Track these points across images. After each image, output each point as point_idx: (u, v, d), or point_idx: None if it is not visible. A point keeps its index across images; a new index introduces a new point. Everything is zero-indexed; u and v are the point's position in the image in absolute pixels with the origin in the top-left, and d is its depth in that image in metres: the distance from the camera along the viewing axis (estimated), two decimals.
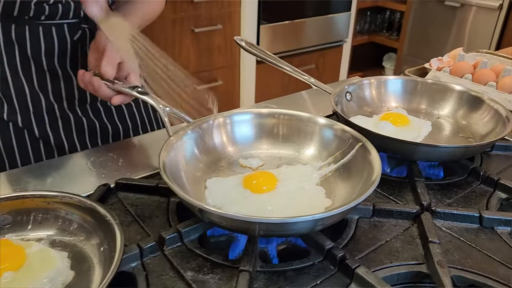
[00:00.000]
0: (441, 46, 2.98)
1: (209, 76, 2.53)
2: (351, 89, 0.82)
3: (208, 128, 0.65)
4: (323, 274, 0.52)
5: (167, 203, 0.63)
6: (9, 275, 0.45)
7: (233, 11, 2.45)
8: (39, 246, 0.49)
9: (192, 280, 0.50)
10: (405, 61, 3.25)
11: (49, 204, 0.51)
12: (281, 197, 0.60)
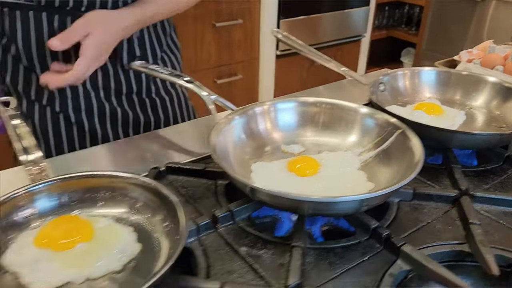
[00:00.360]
0: (460, 41, 2.96)
1: (229, 71, 2.56)
2: (385, 79, 0.84)
3: (254, 114, 0.68)
4: (370, 251, 0.55)
5: (215, 186, 0.66)
6: (82, 246, 0.49)
7: (253, 6, 2.47)
8: (106, 222, 0.53)
9: (247, 255, 0.54)
10: (423, 56, 3.24)
11: (115, 184, 0.54)
12: (324, 181, 0.63)
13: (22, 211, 0.51)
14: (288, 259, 0.52)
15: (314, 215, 0.57)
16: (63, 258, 0.48)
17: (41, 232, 0.50)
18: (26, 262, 0.47)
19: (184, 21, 2.25)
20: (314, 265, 0.52)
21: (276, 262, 0.53)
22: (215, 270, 0.51)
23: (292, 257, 0.51)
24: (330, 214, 0.57)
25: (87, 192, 0.54)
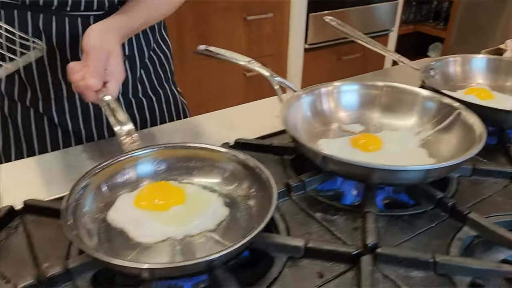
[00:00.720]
0: (490, 36, 2.95)
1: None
2: (437, 65, 0.88)
3: (319, 94, 0.72)
4: (436, 219, 0.58)
5: (282, 160, 0.71)
6: (177, 208, 0.54)
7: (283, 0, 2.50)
8: (196, 188, 0.58)
9: (322, 219, 0.58)
10: (451, 50, 3.23)
11: (205, 155, 0.59)
12: (387, 155, 0.67)
13: (123, 175, 0.57)
14: (361, 224, 0.57)
15: (382, 184, 0.61)
16: (161, 217, 0.53)
17: (139, 195, 0.55)
18: (129, 220, 0.53)
19: (215, 15, 2.30)
20: (386, 229, 0.57)
21: (349, 226, 0.57)
22: (295, 232, 0.56)
23: (367, 221, 0.55)
24: (397, 183, 0.61)
25: (180, 161, 0.60)
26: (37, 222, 0.57)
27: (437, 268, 0.49)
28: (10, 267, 0.50)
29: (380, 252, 0.50)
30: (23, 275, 0.48)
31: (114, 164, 0.55)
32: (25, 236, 0.55)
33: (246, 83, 2.56)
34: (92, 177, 0.54)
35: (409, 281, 0.49)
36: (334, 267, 0.51)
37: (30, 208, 0.58)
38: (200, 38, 2.30)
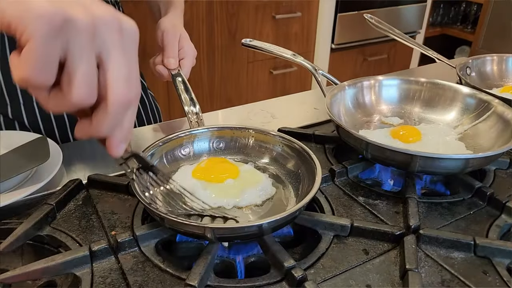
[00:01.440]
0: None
1: (285, 62, 2.64)
2: (474, 64, 0.90)
3: (362, 87, 0.76)
4: (474, 207, 0.61)
5: (324, 148, 0.74)
6: (230, 182, 0.59)
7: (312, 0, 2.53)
8: (248, 166, 0.62)
9: (364, 203, 0.62)
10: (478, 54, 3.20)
11: (256, 137, 0.64)
12: (427, 146, 0.70)
13: (183, 149, 0.63)
14: (402, 208, 0.60)
15: (422, 172, 0.64)
16: (215, 188, 0.58)
17: (197, 167, 0.60)
18: (187, 187, 0.57)
19: (245, 13, 2.35)
20: (426, 214, 0.60)
21: (391, 210, 0.61)
22: (339, 213, 0.60)
23: (409, 205, 0.58)
24: (437, 171, 0.64)
25: (236, 141, 0.65)
26: (100, 195, 0.62)
27: (477, 250, 0.52)
28: (81, 233, 0.55)
29: (423, 233, 0.54)
30: (95, 240, 0.53)
31: (175, 139, 0.61)
32: (91, 207, 0.60)
33: (272, 80, 2.60)
34: (157, 148, 0.60)
35: (449, 261, 0.52)
36: (378, 245, 0.54)
37: (94, 182, 0.63)
38: (230, 35, 2.35)
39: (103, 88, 0.34)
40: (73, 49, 0.31)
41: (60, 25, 0.30)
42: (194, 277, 0.46)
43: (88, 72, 0.32)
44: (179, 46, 0.73)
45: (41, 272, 0.48)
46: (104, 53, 0.33)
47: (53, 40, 0.30)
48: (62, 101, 0.33)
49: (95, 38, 0.32)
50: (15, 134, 0.70)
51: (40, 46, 0.30)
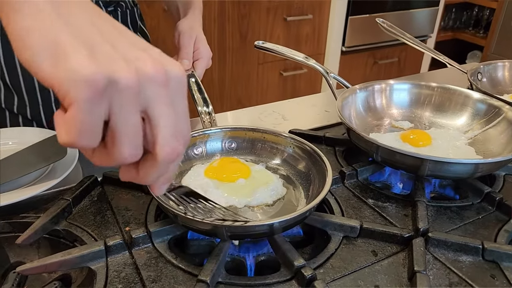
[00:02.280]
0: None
1: (295, 64, 2.64)
2: (485, 69, 0.90)
3: (373, 91, 0.76)
4: (483, 212, 0.62)
5: (334, 151, 0.75)
6: (242, 181, 0.60)
7: (323, 2, 2.54)
8: (259, 167, 0.63)
9: (374, 205, 0.62)
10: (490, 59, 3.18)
11: (268, 138, 0.65)
12: (437, 151, 0.70)
13: (196, 148, 0.64)
14: (411, 212, 0.61)
15: (432, 176, 0.65)
16: (227, 188, 0.59)
17: (210, 166, 0.61)
18: (199, 186, 0.59)
19: (256, 14, 2.36)
20: (435, 218, 0.60)
21: (400, 212, 0.61)
22: (349, 214, 0.61)
23: (418, 208, 0.59)
24: (446, 176, 0.64)
25: (248, 142, 0.66)
26: (115, 191, 0.63)
27: (485, 254, 0.53)
28: (96, 228, 0.56)
29: (432, 236, 0.54)
30: (110, 235, 0.55)
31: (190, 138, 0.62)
32: (106, 203, 0.61)
33: (282, 82, 2.61)
34: None
35: (458, 264, 0.53)
36: (387, 247, 0.55)
37: (109, 179, 0.64)
38: (241, 36, 2.37)
39: (150, 143, 0.32)
40: (117, 109, 0.30)
41: (104, 88, 0.29)
42: (206, 273, 0.47)
43: (132, 131, 0.31)
44: (195, 47, 0.74)
45: (58, 265, 0.49)
46: (150, 109, 0.31)
47: (97, 104, 0.29)
48: (106, 158, 0.32)
49: (140, 95, 0.30)
50: (33, 131, 0.72)
51: (84, 112, 0.28)
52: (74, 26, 0.30)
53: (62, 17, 0.30)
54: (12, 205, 0.57)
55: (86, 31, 0.30)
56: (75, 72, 0.28)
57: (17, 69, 0.77)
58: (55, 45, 0.28)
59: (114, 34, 0.31)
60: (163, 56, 0.33)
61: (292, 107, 0.94)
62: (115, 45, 0.30)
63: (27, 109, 0.80)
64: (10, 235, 0.57)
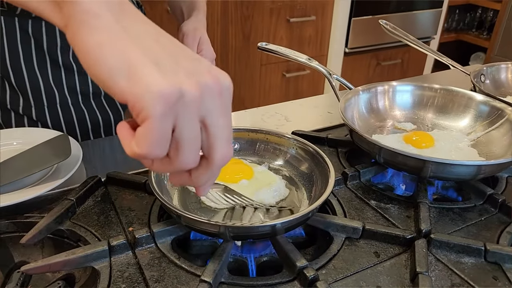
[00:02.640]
0: None
1: (298, 65, 2.65)
2: (489, 71, 0.90)
3: (376, 92, 0.76)
4: (485, 213, 0.62)
5: (337, 152, 0.75)
6: (245, 182, 0.60)
7: (326, 3, 2.54)
8: (261, 168, 0.63)
9: (376, 207, 0.62)
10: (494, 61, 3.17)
11: (270, 139, 0.66)
12: (440, 152, 0.70)
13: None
14: (414, 213, 0.61)
15: (434, 177, 0.65)
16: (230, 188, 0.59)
17: None
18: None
19: (260, 15, 2.36)
20: (437, 219, 0.60)
21: (402, 214, 0.61)
22: (351, 216, 0.61)
23: (420, 210, 0.59)
24: (449, 177, 0.64)
25: (250, 143, 0.67)
26: (118, 192, 0.64)
27: (487, 255, 0.53)
28: (100, 228, 0.57)
29: (434, 237, 0.54)
30: (113, 235, 0.55)
31: None
32: (110, 203, 0.61)
33: (285, 83, 2.61)
34: None
35: (460, 266, 0.53)
36: (389, 248, 0.55)
37: (113, 179, 0.65)
38: (244, 37, 2.37)
39: (206, 149, 0.35)
40: (183, 120, 0.32)
41: (175, 102, 0.30)
42: (209, 273, 0.47)
43: (194, 139, 0.33)
44: (198, 49, 0.75)
45: (62, 265, 0.50)
46: (208, 119, 0.33)
47: (169, 117, 0.31)
48: (168, 166, 0.34)
49: (201, 106, 0.32)
50: (38, 131, 0.73)
51: (158, 126, 0.30)
52: (139, 41, 0.31)
53: (126, 30, 0.31)
54: (17, 205, 0.57)
55: (152, 46, 0.32)
56: (150, 88, 0.29)
57: (23, 71, 0.77)
58: (127, 61, 0.30)
59: (173, 49, 0.33)
60: (214, 67, 0.35)
61: (295, 109, 0.95)
62: (177, 59, 0.32)
63: (32, 110, 0.81)
64: (14, 235, 0.58)
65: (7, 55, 0.76)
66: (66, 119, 0.83)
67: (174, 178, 0.37)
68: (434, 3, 2.89)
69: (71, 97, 0.83)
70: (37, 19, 0.75)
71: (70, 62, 0.80)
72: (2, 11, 0.73)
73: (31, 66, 0.78)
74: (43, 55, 0.78)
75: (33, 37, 0.76)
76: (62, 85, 0.81)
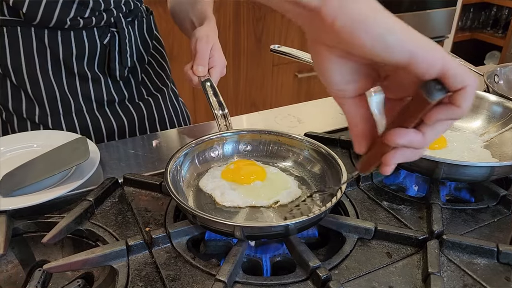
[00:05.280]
0: None
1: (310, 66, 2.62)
2: (502, 71, 0.90)
3: None
4: (498, 215, 0.62)
5: (349, 153, 0.76)
6: (258, 183, 0.61)
7: None
8: (274, 169, 0.64)
9: (388, 208, 0.63)
10: (509, 59, 3.13)
11: (282, 140, 0.67)
12: (453, 154, 0.70)
13: (213, 151, 0.67)
14: (426, 214, 0.61)
15: (447, 179, 0.65)
16: (243, 189, 0.61)
17: (226, 169, 0.63)
18: (217, 188, 0.61)
19: (271, 16, 2.37)
20: (450, 220, 0.61)
21: (415, 215, 0.62)
22: (364, 217, 0.61)
23: (433, 211, 0.60)
24: (462, 179, 0.64)
25: (264, 144, 0.68)
26: (135, 193, 0.65)
27: (500, 256, 0.53)
28: (117, 229, 0.58)
29: (446, 238, 0.55)
30: (131, 235, 0.57)
31: (207, 141, 0.65)
32: (127, 204, 0.63)
33: (297, 83, 2.61)
34: (190, 149, 0.64)
35: (472, 267, 0.53)
36: (402, 249, 0.56)
37: (129, 181, 0.66)
38: (256, 39, 2.38)
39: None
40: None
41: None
42: (224, 273, 0.48)
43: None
44: (210, 55, 0.76)
45: (82, 264, 0.51)
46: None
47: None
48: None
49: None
50: (57, 134, 0.75)
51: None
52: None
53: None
54: (37, 206, 0.59)
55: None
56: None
57: (39, 80, 0.79)
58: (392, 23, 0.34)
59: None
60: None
61: (307, 110, 0.95)
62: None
63: (48, 119, 0.82)
64: (35, 235, 0.60)
65: (24, 65, 0.77)
66: (81, 126, 0.85)
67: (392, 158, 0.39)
68: (448, 2, 2.86)
69: (86, 105, 0.84)
70: (53, 28, 0.76)
71: (85, 70, 0.82)
72: (19, 22, 0.75)
73: (47, 75, 0.79)
74: (59, 64, 0.79)
75: (49, 46, 0.77)
76: (77, 93, 0.83)
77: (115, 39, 0.82)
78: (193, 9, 0.87)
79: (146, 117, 0.92)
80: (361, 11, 0.33)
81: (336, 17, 0.33)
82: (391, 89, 0.40)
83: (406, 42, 0.33)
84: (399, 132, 0.37)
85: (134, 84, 0.90)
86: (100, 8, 0.78)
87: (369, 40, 0.33)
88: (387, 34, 0.33)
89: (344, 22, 0.33)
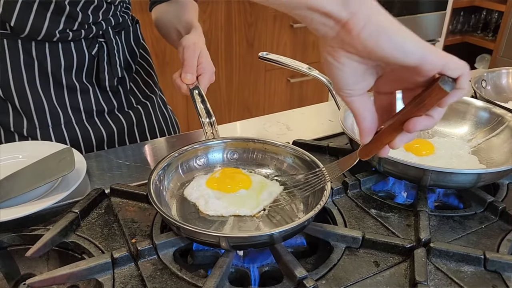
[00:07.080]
0: None
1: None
2: (489, 76, 0.90)
3: None
4: (486, 221, 0.62)
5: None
6: (243, 192, 0.61)
7: None
8: (259, 177, 0.64)
9: (376, 215, 0.63)
10: (499, 62, 3.16)
11: (267, 148, 0.67)
12: (440, 160, 0.70)
13: (199, 159, 0.67)
14: (414, 221, 0.61)
15: (434, 186, 0.65)
16: (228, 198, 0.60)
17: (212, 177, 0.63)
18: (201, 196, 0.61)
19: (263, 22, 2.38)
20: (437, 227, 0.61)
21: (403, 223, 0.62)
22: (352, 225, 0.61)
23: (420, 218, 0.60)
24: (449, 186, 0.65)
25: (248, 152, 0.68)
26: (122, 204, 0.65)
27: (487, 264, 0.53)
28: (103, 241, 0.58)
29: (433, 246, 0.55)
30: (116, 248, 0.56)
31: (190, 150, 0.65)
32: (113, 215, 0.63)
33: (290, 88, 2.62)
34: (173, 159, 0.64)
35: (459, 274, 0.53)
36: (389, 257, 0.55)
37: (116, 191, 0.66)
38: (248, 44, 2.39)
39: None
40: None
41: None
42: (209, 285, 0.48)
43: None
44: (198, 62, 0.76)
45: (66, 277, 0.51)
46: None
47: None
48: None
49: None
50: (43, 145, 0.74)
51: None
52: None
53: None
54: (22, 218, 0.59)
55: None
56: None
57: (27, 93, 0.78)
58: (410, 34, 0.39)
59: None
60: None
61: (296, 117, 0.95)
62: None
63: (37, 131, 0.81)
64: (20, 248, 0.59)
65: (11, 78, 0.76)
66: (70, 137, 0.84)
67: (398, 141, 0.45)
68: (438, 5, 2.89)
69: (75, 116, 0.84)
70: (40, 41, 0.75)
71: (73, 81, 0.81)
72: (6, 34, 0.74)
73: (35, 88, 0.78)
74: (47, 77, 0.78)
75: (36, 59, 0.76)
76: (66, 105, 0.82)
77: (104, 50, 0.82)
78: (179, 20, 0.87)
79: (135, 124, 0.92)
80: (383, 23, 0.38)
81: (363, 28, 0.38)
82: (385, 84, 0.45)
83: (419, 48, 0.39)
84: (417, 121, 0.43)
85: (123, 93, 0.90)
86: (89, 21, 0.77)
87: (391, 47, 0.38)
88: (405, 41, 0.38)
89: (370, 32, 0.38)
